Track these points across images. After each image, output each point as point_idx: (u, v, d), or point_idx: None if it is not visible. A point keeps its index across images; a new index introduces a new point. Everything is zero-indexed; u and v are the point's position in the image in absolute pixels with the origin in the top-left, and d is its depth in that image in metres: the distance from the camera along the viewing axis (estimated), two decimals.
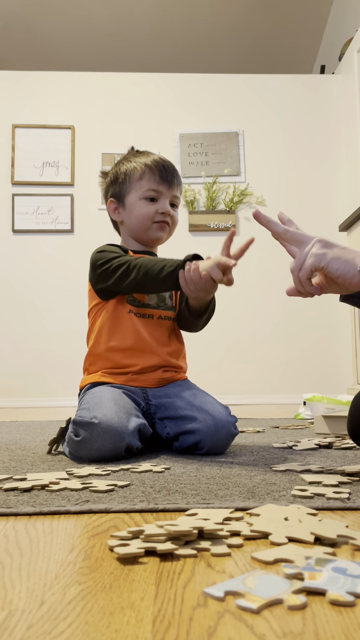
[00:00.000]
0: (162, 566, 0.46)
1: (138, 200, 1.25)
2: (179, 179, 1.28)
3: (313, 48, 4.88)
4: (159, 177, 1.24)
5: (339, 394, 2.77)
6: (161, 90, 3.91)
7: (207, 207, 3.76)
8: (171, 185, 1.25)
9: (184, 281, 1.07)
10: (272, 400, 3.61)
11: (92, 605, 0.38)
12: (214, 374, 3.58)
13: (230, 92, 3.93)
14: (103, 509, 0.64)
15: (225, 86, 3.93)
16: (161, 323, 1.25)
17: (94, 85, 3.91)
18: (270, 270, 3.73)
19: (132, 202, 1.25)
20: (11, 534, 0.56)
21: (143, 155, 1.29)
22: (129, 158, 1.29)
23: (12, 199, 3.74)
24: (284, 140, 3.88)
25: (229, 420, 1.10)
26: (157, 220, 1.25)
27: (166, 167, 1.26)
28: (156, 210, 1.24)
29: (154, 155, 1.28)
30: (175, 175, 1.27)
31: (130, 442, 1.01)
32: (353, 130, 3.63)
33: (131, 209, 1.26)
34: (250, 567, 0.45)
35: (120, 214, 1.29)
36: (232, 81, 3.94)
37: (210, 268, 1.03)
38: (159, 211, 1.24)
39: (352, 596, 0.37)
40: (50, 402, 3.57)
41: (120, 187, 1.27)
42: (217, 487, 0.76)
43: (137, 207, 1.25)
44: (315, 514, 0.59)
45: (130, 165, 1.26)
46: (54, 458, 1.07)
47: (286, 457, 1.03)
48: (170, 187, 1.25)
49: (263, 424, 1.83)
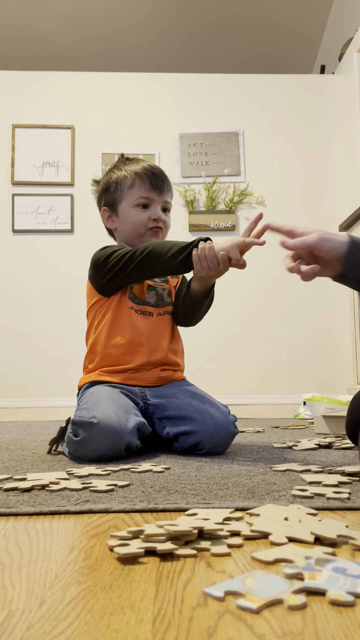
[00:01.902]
0: (162, 566, 0.46)
1: (130, 208, 1.27)
2: (169, 184, 1.31)
3: (313, 48, 4.88)
4: (149, 184, 1.26)
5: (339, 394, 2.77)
6: (161, 90, 3.91)
7: (207, 207, 3.76)
8: (162, 192, 1.28)
9: (197, 258, 1.09)
10: (272, 400, 3.61)
11: (92, 605, 0.38)
12: (214, 374, 3.59)
13: (230, 92, 3.93)
14: (103, 509, 0.64)
15: (226, 86, 3.93)
16: (161, 319, 1.27)
17: (94, 85, 3.91)
18: (270, 270, 3.73)
19: (125, 210, 1.28)
20: (11, 534, 0.56)
21: (133, 163, 1.31)
22: (119, 166, 1.32)
23: (12, 199, 3.74)
24: (284, 140, 3.88)
25: (228, 420, 1.10)
26: (151, 227, 1.27)
27: (156, 174, 1.28)
28: (149, 217, 1.27)
29: (143, 162, 1.31)
30: (165, 181, 1.29)
31: (129, 441, 1.01)
32: (353, 130, 3.63)
33: (124, 216, 1.28)
34: (250, 567, 0.45)
35: (114, 222, 1.32)
36: (232, 81, 3.94)
37: (229, 247, 1.06)
38: (151, 218, 1.27)
39: (352, 596, 0.37)
40: (50, 402, 3.57)
41: (112, 196, 1.30)
42: (217, 487, 0.76)
43: (130, 215, 1.27)
44: (315, 514, 0.59)
45: (120, 174, 1.29)
46: (54, 458, 1.07)
47: (286, 457, 1.03)
48: (161, 194, 1.28)
49: (263, 424, 1.83)
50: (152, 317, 1.26)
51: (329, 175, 3.85)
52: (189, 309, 1.27)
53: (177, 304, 1.30)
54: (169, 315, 1.29)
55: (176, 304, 1.30)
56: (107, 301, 1.24)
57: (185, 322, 1.32)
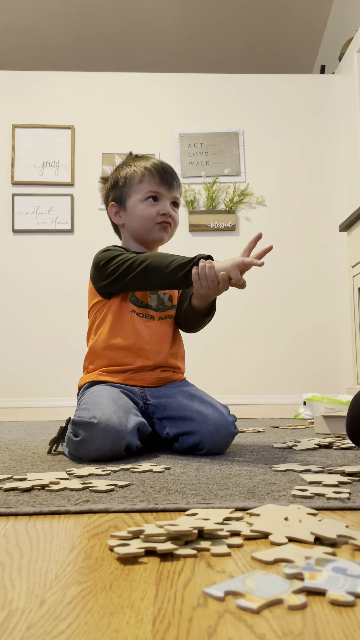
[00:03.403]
0: (162, 566, 0.46)
1: (139, 203, 1.26)
2: (179, 181, 1.31)
3: (313, 48, 4.88)
4: (159, 179, 1.26)
5: (339, 394, 2.77)
6: (161, 90, 3.91)
7: (207, 207, 3.76)
8: (171, 187, 1.27)
9: (197, 277, 1.08)
10: (272, 400, 3.61)
11: (92, 605, 0.38)
12: (214, 374, 3.59)
13: (230, 92, 3.93)
14: (103, 508, 0.64)
15: (226, 86, 3.93)
16: (162, 323, 1.26)
17: (94, 85, 3.91)
18: (270, 270, 3.73)
19: (134, 205, 1.27)
20: (11, 534, 0.56)
21: (142, 159, 1.31)
22: (128, 163, 1.31)
23: (12, 198, 3.74)
24: (284, 140, 3.88)
25: (228, 420, 1.10)
26: (159, 222, 1.26)
27: (165, 170, 1.28)
28: (157, 211, 1.26)
29: (153, 159, 1.31)
30: (174, 177, 1.29)
31: (129, 441, 1.01)
32: (353, 130, 3.63)
33: (133, 211, 1.27)
34: (250, 567, 0.45)
35: (121, 217, 1.31)
36: (232, 81, 3.94)
37: (230, 268, 1.05)
38: (160, 212, 1.26)
39: (352, 596, 0.37)
40: (50, 402, 3.57)
41: (121, 191, 1.29)
42: (217, 487, 0.76)
43: (139, 209, 1.26)
44: (315, 514, 0.59)
45: (130, 170, 1.28)
46: (54, 458, 1.07)
47: (286, 457, 1.03)
48: (170, 189, 1.27)
49: (263, 424, 1.83)
50: (154, 320, 1.25)
51: (329, 175, 3.85)
52: (191, 321, 1.27)
53: (179, 310, 1.30)
54: (170, 319, 1.28)
55: (179, 311, 1.30)
56: (108, 303, 1.24)
57: (187, 329, 1.32)
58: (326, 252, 3.77)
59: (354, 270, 3.19)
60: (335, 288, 3.75)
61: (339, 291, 3.73)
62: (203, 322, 1.27)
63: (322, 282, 3.76)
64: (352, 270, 3.22)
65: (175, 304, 1.30)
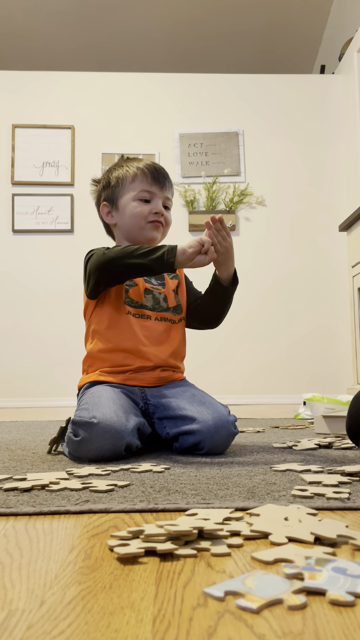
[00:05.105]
0: (162, 566, 0.46)
1: (132, 201, 1.27)
2: (170, 181, 1.32)
3: (313, 48, 4.88)
4: (151, 179, 1.26)
5: (339, 394, 2.77)
6: (161, 90, 3.91)
7: (207, 207, 3.76)
8: (163, 187, 1.28)
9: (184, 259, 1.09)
10: (272, 400, 3.61)
11: (92, 605, 0.38)
12: (214, 374, 3.58)
13: (230, 92, 3.93)
14: (103, 509, 0.64)
15: (225, 86, 3.93)
16: (159, 324, 1.26)
17: (94, 85, 3.91)
18: (270, 270, 3.73)
19: (126, 203, 1.27)
20: (11, 534, 0.56)
21: (134, 160, 1.32)
22: (120, 164, 1.32)
23: (12, 199, 3.74)
24: (284, 140, 3.88)
25: (228, 420, 1.10)
26: (151, 220, 1.26)
27: (158, 170, 1.29)
28: (150, 210, 1.26)
29: (145, 160, 1.32)
30: (166, 177, 1.30)
31: (129, 441, 1.01)
32: (353, 130, 3.63)
33: (125, 210, 1.28)
34: (250, 567, 0.45)
35: (113, 217, 1.31)
36: (232, 81, 3.94)
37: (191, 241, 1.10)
38: (152, 211, 1.26)
39: (352, 596, 0.37)
40: (50, 402, 3.57)
41: (113, 191, 1.29)
42: (217, 487, 0.76)
43: (131, 207, 1.27)
44: (315, 514, 0.59)
45: (122, 170, 1.29)
46: (54, 458, 1.07)
47: (286, 457, 1.03)
48: (162, 189, 1.28)
49: (263, 424, 1.83)
50: (150, 320, 1.25)
51: (329, 175, 3.85)
52: (220, 300, 1.28)
53: (194, 310, 1.31)
54: (167, 322, 1.27)
55: (193, 311, 1.31)
56: (103, 306, 1.23)
57: (213, 322, 1.34)
58: (326, 252, 3.77)
59: (354, 270, 3.19)
60: (335, 288, 3.75)
61: (339, 291, 3.73)
62: (230, 296, 1.28)
63: (322, 282, 3.76)
64: (352, 270, 3.22)
65: (170, 306, 1.29)
